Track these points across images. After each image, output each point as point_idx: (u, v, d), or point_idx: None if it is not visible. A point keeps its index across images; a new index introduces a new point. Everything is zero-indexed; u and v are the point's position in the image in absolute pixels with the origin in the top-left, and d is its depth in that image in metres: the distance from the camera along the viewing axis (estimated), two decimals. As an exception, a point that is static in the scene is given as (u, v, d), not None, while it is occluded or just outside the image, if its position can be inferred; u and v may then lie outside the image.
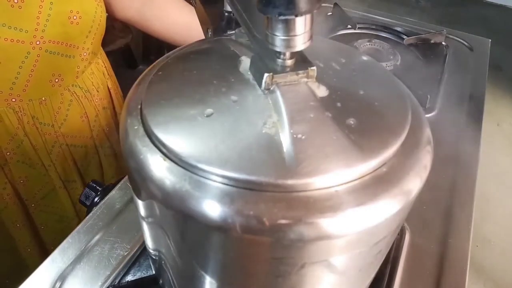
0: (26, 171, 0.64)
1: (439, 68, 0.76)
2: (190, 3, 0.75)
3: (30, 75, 0.56)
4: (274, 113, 0.27)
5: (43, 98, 0.60)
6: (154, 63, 0.34)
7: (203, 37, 0.40)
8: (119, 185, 0.53)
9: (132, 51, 1.33)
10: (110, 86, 0.72)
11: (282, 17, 0.24)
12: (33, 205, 0.68)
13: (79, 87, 0.64)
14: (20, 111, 0.59)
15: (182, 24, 0.74)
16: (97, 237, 0.47)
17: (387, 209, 0.25)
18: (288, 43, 0.26)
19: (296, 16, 0.25)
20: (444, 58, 0.80)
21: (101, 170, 0.74)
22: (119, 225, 0.48)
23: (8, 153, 0.61)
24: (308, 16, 0.25)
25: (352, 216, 0.24)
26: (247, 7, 0.32)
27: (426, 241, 0.48)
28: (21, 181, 0.64)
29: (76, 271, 0.44)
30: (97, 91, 0.68)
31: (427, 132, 0.30)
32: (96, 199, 0.52)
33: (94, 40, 0.63)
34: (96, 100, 0.68)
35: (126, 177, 0.54)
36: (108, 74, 0.73)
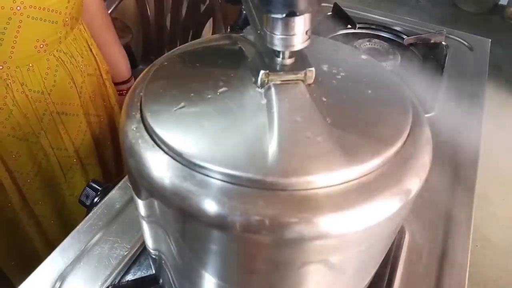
0: (18, 146, 0.64)
1: (439, 68, 0.76)
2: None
3: (14, 41, 0.57)
4: (268, 112, 0.27)
5: (30, 65, 0.61)
6: (154, 63, 0.34)
7: (122, 78, 0.39)
8: (119, 185, 0.53)
9: (132, 51, 1.33)
10: (95, 53, 0.73)
11: (276, 16, 0.24)
12: (28, 180, 0.69)
13: (64, 52, 0.65)
14: (9, 79, 0.59)
15: (107, 59, 0.78)
16: (97, 237, 0.47)
17: (386, 209, 0.25)
18: (286, 42, 0.26)
19: (295, 15, 0.24)
20: (444, 58, 0.80)
21: (90, 137, 0.75)
22: (119, 225, 0.48)
23: None
24: (307, 16, 0.25)
25: (351, 216, 0.24)
26: (258, 4, 0.32)
27: (426, 241, 0.48)
28: (13, 156, 0.65)
29: (76, 271, 0.44)
30: (82, 57, 0.69)
31: (427, 132, 0.30)
32: (96, 199, 0.52)
33: (75, 5, 0.64)
34: (81, 67, 0.69)
35: (126, 177, 0.54)
36: (91, 41, 0.74)
